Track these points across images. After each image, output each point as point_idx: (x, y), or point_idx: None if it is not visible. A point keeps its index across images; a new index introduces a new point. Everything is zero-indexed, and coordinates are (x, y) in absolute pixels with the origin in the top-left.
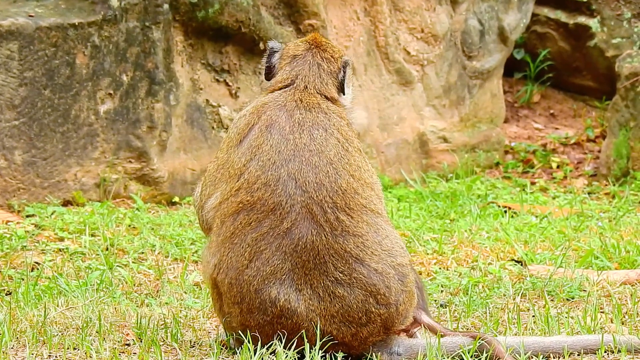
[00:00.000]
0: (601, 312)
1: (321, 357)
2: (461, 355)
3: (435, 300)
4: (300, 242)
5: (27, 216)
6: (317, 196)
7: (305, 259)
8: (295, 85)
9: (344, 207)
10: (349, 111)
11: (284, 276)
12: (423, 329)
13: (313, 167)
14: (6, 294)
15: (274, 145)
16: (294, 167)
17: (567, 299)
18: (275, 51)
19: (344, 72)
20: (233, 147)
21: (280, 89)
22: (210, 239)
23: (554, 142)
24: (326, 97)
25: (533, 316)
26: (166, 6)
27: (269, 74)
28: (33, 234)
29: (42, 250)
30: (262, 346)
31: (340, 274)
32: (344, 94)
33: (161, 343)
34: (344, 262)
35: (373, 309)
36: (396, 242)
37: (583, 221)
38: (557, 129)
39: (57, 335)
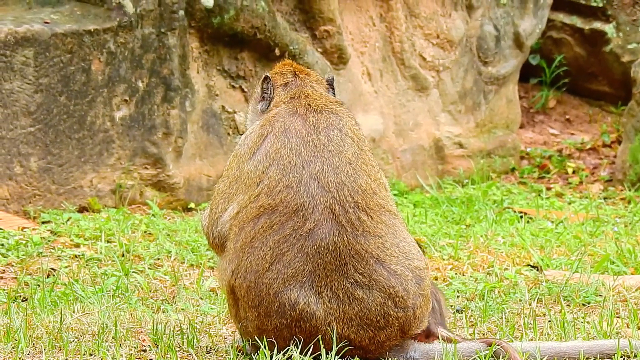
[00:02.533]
0: (617, 317)
1: None
2: None
3: (452, 306)
4: (323, 243)
5: (43, 222)
6: (339, 196)
7: (327, 260)
8: (297, 97)
9: (365, 207)
10: None
11: (305, 279)
12: (440, 341)
13: (334, 168)
14: (22, 300)
15: (293, 148)
16: (316, 168)
17: (583, 304)
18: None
19: (333, 88)
20: (245, 162)
21: (281, 104)
22: (227, 248)
23: (569, 148)
24: (329, 100)
25: (549, 321)
26: (182, 12)
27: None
28: (49, 240)
29: (58, 256)
30: (279, 351)
31: (360, 276)
32: None
33: (177, 349)
34: (364, 263)
35: (391, 312)
36: (413, 245)
37: (599, 226)
38: (572, 134)
39: (73, 341)
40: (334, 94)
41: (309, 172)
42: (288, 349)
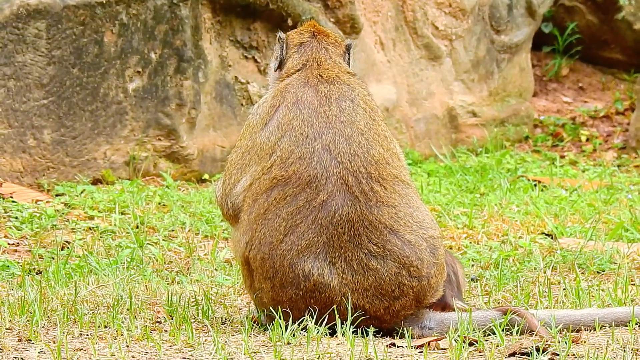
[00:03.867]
0: (632, 284)
1: (353, 332)
2: (492, 329)
3: (467, 275)
4: (337, 214)
5: (57, 195)
6: (351, 167)
7: (341, 231)
8: (309, 65)
9: (378, 177)
10: None
11: (319, 250)
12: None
13: (346, 138)
14: (37, 273)
15: (305, 119)
16: (328, 139)
17: (598, 272)
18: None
19: (349, 55)
20: (257, 132)
21: (294, 73)
22: (241, 219)
23: (583, 116)
24: (340, 71)
25: (564, 289)
26: None
27: (280, 64)
28: (63, 213)
29: (72, 229)
30: (294, 322)
31: (374, 246)
32: None
33: (192, 320)
34: (378, 233)
35: (406, 282)
36: (427, 214)
37: (613, 194)
38: (585, 102)
39: (88, 313)
40: (350, 60)
41: (322, 143)
42: (303, 320)
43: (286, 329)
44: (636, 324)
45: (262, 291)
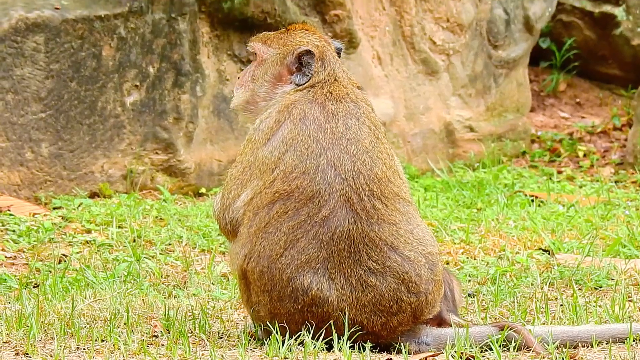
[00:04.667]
0: (629, 300)
1: (349, 347)
2: (489, 345)
3: (463, 290)
4: (337, 230)
5: (54, 208)
6: (355, 184)
7: (341, 247)
8: (325, 80)
9: (380, 195)
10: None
11: (319, 265)
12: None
13: (351, 156)
14: (34, 287)
15: (311, 135)
16: (333, 155)
17: (595, 288)
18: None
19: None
20: (260, 147)
21: (306, 88)
22: (240, 233)
23: (580, 131)
24: (354, 86)
25: (561, 305)
26: None
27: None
28: (60, 226)
29: (69, 242)
30: (291, 336)
31: (374, 263)
32: None
33: (189, 334)
34: (378, 250)
35: (404, 298)
36: (426, 231)
37: (610, 210)
38: (583, 117)
39: (85, 327)
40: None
41: (327, 159)
42: (300, 334)
43: (283, 344)
44: (634, 340)
45: (259, 305)
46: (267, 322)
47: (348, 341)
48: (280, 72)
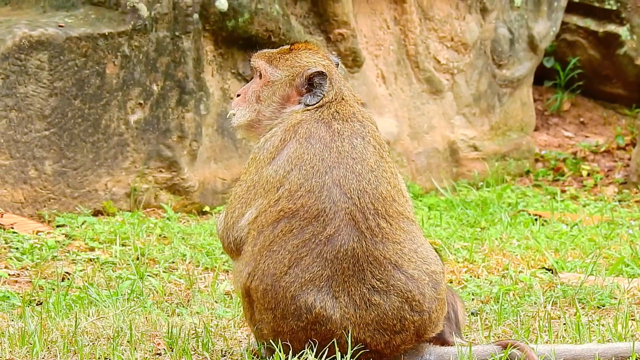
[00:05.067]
0: (632, 319)
1: None
2: None
3: (467, 309)
4: (342, 249)
5: (58, 226)
6: (360, 203)
7: (345, 266)
8: (332, 99)
9: (384, 214)
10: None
11: (322, 283)
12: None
13: (357, 175)
14: (37, 304)
15: (317, 154)
16: (339, 174)
17: (598, 307)
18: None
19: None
20: (264, 166)
21: (312, 108)
22: (244, 251)
23: (584, 150)
24: (361, 104)
25: (564, 324)
26: (196, 16)
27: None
28: (63, 244)
29: (72, 260)
30: (294, 354)
31: (378, 282)
32: None
33: (192, 352)
34: (382, 269)
35: (407, 316)
36: (430, 250)
37: (614, 229)
38: (587, 137)
39: (88, 345)
40: None
41: (332, 178)
42: (303, 352)
43: None
44: (636, 359)
45: (262, 322)
46: (270, 340)
47: (351, 359)
48: (289, 93)
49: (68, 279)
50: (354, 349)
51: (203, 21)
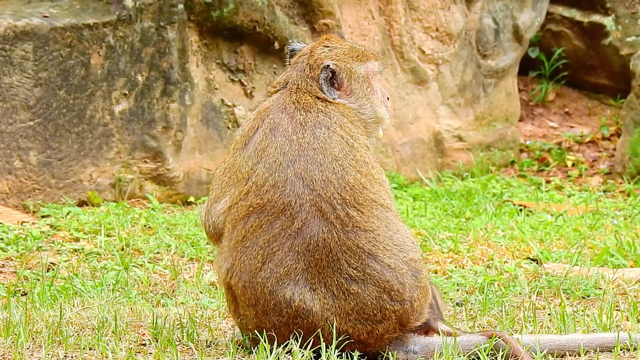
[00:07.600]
0: (617, 310)
1: (337, 356)
2: (477, 353)
3: (451, 299)
4: (312, 241)
5: (43, 217)
6: (324, 193)
7: (318, 258)
8: (288, 87)
9: (353, 202)
10: (357, 109)
11: (298, 276)
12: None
13: (318, 165)
14: (22, 295)
15: (279, 147)
16: (300, 167)
17: (583, 297)
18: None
19: (323, 78)
20: (239, 150)
21: (277, 91)
22: (222, 244)
23: (569, 141)
24: (317, 98)
25: (549, 314)
26: (181, 6)
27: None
28: (48, 235)
29: (57, 250)
30: (278, 346)
31: (354, 271)
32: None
33: (177, 343)
34: (356, 258)
35: (387, 306)
36: (407, 236)
37: (598, 219)
38: (572, 127)
39: (73, 335)
40: (323, 85)
41: (294, 171)
42: (288, 343)
43: (271, 353)
44: (621, 349)
45: (246, 318)
46: (256, 332)
47: (336, 350)
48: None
49: (53, 269)
50: (339, 339)
51: (188, 11)
